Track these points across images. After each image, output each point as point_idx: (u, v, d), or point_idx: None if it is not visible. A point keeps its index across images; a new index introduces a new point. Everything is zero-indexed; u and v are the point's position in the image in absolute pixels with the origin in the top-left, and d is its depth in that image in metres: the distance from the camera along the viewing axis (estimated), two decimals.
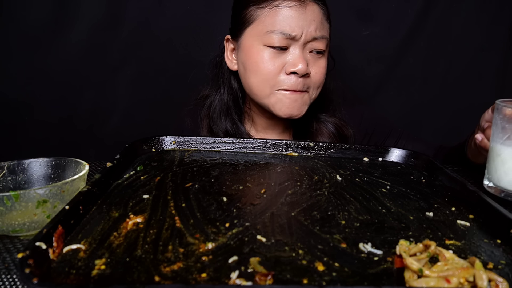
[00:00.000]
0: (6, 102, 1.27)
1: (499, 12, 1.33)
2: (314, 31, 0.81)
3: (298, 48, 0.81)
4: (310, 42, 0.82)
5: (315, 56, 0.84)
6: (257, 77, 0.84)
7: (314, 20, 0.81)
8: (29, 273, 0.35)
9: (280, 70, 0.82)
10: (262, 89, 0.84)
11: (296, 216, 0.52)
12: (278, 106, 0.85)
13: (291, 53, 0.82)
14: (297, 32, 0.80)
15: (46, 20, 1.22)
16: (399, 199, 0.60)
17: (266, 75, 0.82)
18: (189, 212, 0.52)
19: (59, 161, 0.64)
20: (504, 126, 0.65)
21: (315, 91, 0.87)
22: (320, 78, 0.86)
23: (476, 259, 0.41)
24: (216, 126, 0.93)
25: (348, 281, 0.39)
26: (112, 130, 1.35)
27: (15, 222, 0.52)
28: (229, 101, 0.94)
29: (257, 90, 0.86)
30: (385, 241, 0.47)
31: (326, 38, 0.84)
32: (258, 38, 0.82)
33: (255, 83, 0.85)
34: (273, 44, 0.81)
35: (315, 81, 0.85)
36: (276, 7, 0.80)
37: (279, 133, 0.98)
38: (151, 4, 1.26)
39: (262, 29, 0.81)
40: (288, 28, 0.79)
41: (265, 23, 0.81)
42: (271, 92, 0.84)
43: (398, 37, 1.34)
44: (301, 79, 0.82)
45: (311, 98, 0.87)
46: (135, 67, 1.31)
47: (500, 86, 1.40)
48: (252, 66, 0.84)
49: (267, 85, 0.84)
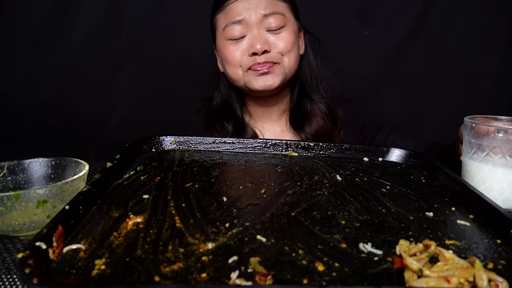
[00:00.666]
0: (6, 102, 1.27)
1: (499, 12, 1.33)
2: (262, 10, 0.89)
3: (253, 31, 0.90)
4: (263, 21, 0.90)
5: (273, 32, 0.92)
6: (229, 66, 0.95)
7: (259, 2, 0.90)
8: (29, 273, 0.35)
9: (243, 54, 0.92)
10: (236, 73, 0.95)
11: (296, 216, 0.52)
12: (252, 83, 0.93)
13: (248, 37, 0.91)
14: (244, 15, 0.89)
15: (46, 20, 1.22)
16: (399, 199, 0.60)
17: (235, 62, 0.93)
18: (189, 212, 0.52)
19: (59, 161, 0.64)
20: (471, 141, 0.68)
21: (287, 57, 0.93)
22: (285, 46, 0.92)
23: (476, 259, 0.41)
24: (219, 127, 1.01)
25: (348, 281, 0.39)
26: (112, 130, 1.35)
27: (15, 222, 0.52)
28: (227, 101, 1.04)
29: (234, 76, 0.96)
30: (385, 241, 0.47)
31: (279, 13, 0.91)
32: (222, 36, 0.94)
33: (230, 71, 0.96)
34: (231, 36, 0.92)
35: (281, 50, 0.92)
36: (226, 6, 0.92)
37: (276, 120, 1.05)
38: (151, 4, 1.26)
39: (222, 28, 0.94)
40: (237, 16, 0.90)
41: (222, 22, 0.94)
42: (243, 73, 0.94)
43: (398, 37, 1.34)
44: (263, 56, 0.90)
45: (285, 66, 0.94)
46: (135, 67, 1.31)
47: (500, 86, 1.40)
48: (224, 60, 0.96)
49: (238, 69, 0.94)
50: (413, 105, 1.40)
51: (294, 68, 0.97)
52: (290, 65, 0.94)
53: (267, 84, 0.92)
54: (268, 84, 0.92)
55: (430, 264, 0.41)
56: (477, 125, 0.68)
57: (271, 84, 0.92)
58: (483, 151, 0.67)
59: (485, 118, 0.72)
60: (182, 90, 1.33)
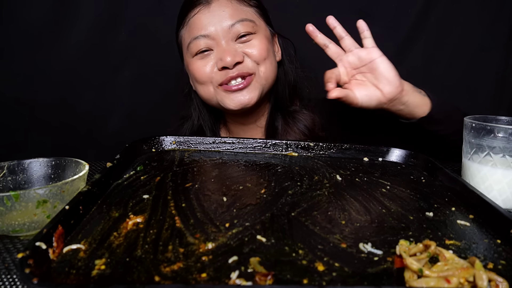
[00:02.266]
0: (6, 102, 1.27)
1: (499, 12, 1.33)
2: (228, 20, 0.83)
3: (220, 44, 0.83)
4: (231, 31, 0.83)
5: (244, 40, 0.85)
6: (199, 85, 0.89)
7: (224, 11, 0.83)
8: (29, 273, 0.35)
9: (213, 69, 0.85)
10: (208, 91, 0.88)
11: (296, 216, 0.52)
12: (225, 102, 0.87)
13: (216, 51, 0.84)
14: (210, 30, 0.83)
15: (46, 20, 1.23)
16: (399, 199, 0.60)
17: (204, 79, 0.86)
18: (189, 212, 0.52)
19: (59, 161, 0.64)
20: (471, 141, 0.69)
21: (263, 66, 0.87)
22: (259, 54, 0.85)
23: (476, 259, 0.41)
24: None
25: (348, 281, 0.39)
26: (112, 130, 1.35)
27: (15, 222, 0.52)
28: (200, 120, 0.97)
29: (205, 95, 0.89)
30: (385, 241, 0.47)
31: (248, 20, 0.85)
32: (188, 53, 0.88)
33: (201, 89, 0.89)
34: (197, 51, 0.85)
35: (256, 59, 0.85)
36: (188, 20, 0.86)
37: (260, 137, 0.97)
38: (151, 4, 1.26)
39: (186, 44, 0.87)
40: (201, 31, 0.83)
41: (186, 38, 0.87)
42: (214, 90, 0.87)
43: (398, 37, 1.34)
44: (236, 68, 0.83)
45: (262, 76, 0.87)
46: (135, 67, 1.31)
47: (500, 86, 1.40)
48: (193, 77, 0.89)
49: (209, 87, 0.87)
50: None
51: (272, 78, 0.89)
52: (267, 74, 0.87)
53: (242, 103, 0.85)
54: (243, 102, 0.85)
55: (430, 264, 0.41)
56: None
57: (247, 102, 0.85)
58: (483, 151, 0.67)
59: (485, 118, 0.72)
60: (182, 91, 1.33)
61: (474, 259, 0.41)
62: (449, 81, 1.38)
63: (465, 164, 0.71)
